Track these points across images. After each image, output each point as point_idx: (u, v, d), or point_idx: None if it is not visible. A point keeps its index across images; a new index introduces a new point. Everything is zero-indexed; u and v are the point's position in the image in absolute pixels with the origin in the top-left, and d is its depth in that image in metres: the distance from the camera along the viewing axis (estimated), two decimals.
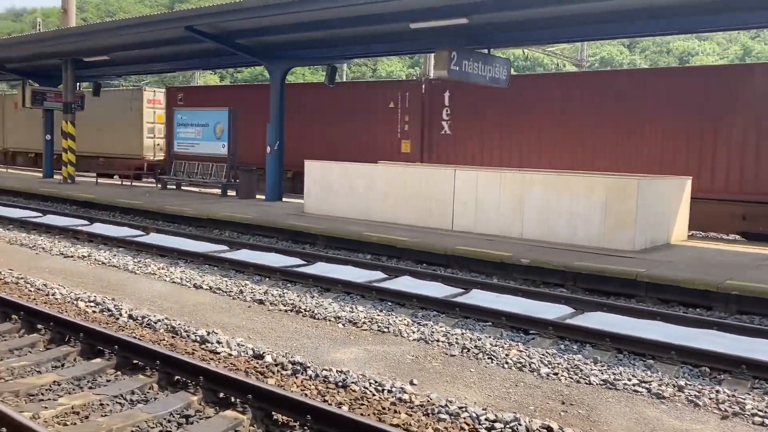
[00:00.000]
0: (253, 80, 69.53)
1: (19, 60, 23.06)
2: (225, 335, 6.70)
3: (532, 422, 4.76)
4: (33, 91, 22.60)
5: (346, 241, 12.23)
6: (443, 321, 7.59)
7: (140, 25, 16.51)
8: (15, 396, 5.01)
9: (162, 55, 20.20)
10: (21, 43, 21.27)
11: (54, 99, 22.72)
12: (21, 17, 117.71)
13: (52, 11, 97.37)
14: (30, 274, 9.21)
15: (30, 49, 20.97)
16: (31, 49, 20.90)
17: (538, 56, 53.66)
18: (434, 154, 18.24)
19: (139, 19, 17.03)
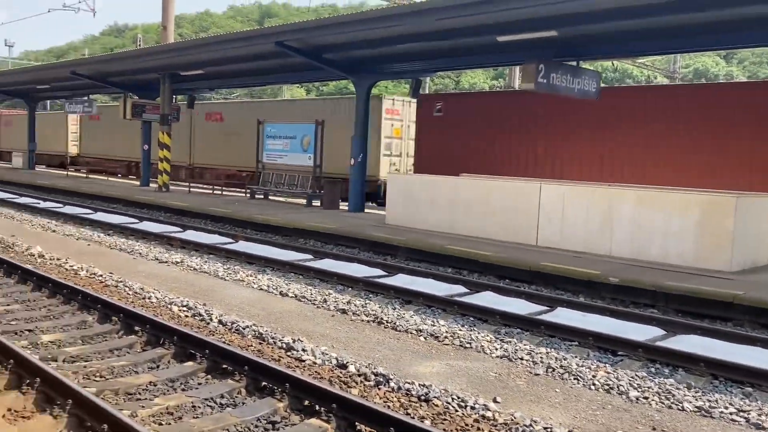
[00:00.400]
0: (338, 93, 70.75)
1: (121, 74, 24.41)
2: (310, 343, 6.83)
3: None
4: (133, 104, 23.82)
5: (428, 253, 12.24)
6: (527, 339, 7.46)
7: (234, 41, 17.17)
8: (114, 394, 5.28)
9: (252, 70, 20.89)
10: (123, 58, 22.56)
11: (152, 111, 23.87)
12: (123, 33, 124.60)
13: (151, 27, 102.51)
14: (128, 278, 9.70)
15: (131, 64, 22.18)
16: (132, 64, 22.11)
17: (628, 68, 52.15)
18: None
19: (233, 35, 17.73)
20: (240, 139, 25.72)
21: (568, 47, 13.68)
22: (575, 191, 12.19)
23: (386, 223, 15.24)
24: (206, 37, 20.69)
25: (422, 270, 11.06)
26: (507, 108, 17.98)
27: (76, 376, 5.58)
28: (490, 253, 11.54)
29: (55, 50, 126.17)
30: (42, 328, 7.03)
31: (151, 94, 25.25)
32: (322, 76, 21.43)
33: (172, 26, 24.94)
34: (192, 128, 28.76)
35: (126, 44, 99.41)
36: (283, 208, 18.74)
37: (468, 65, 19.06)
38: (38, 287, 8.80)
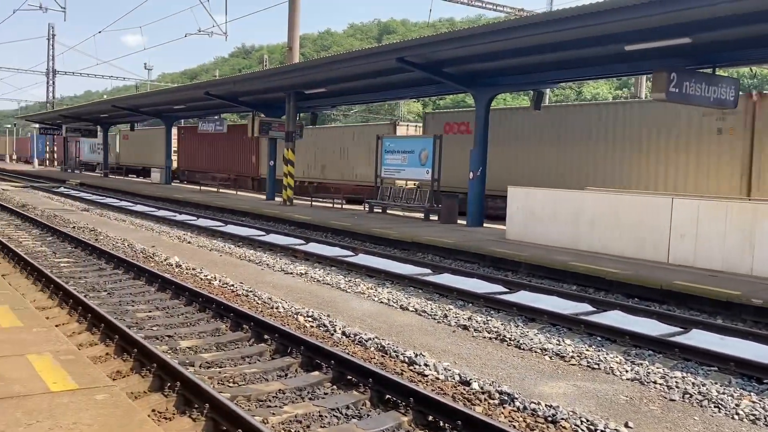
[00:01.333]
0: (455, 106, 70.81)
1: (250, 93, 25.68)
2: (432, 358, 6.82)
3: None
4: (261, 122, 24.98)
5: (550, 270, 11.91)
6: (660, 362, 7.07)
7: (355, 59, 17.61)
8: (247, 400, 5.51)
9: (372, 86, 21.33)
10: (252, 78, 23.71)
11: (277, 128, 24.92)
12: (250, 54, 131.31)
13: (276, 48, 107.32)
14: (257, 288, 10.13)
15: (259, 84, 23.28)
16: (261, 84, 23.20)
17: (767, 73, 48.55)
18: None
19: (356, 53, 18.19)
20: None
21: (703, 53, 12.94)
22: (711, 205, 11.47)
23: (506, 238, 15.01)
24: (330, 56, 21.35)
25: (545, 287, 10.78)
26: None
27: (212, 381, 5.89)
28: (617, 270, 11.07)
29: (189, 72, 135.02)
30: (180, 335, 7.49)
31: (276, 112, 26.40)
32: (441, 90, 21.51)
33: (297, 46, 25.94)
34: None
35: (252, 65, 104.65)
36: (400, 222, 18.94)
37: (591, 76, 18.46)
38: (176, 295, 9.38)
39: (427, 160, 19.95)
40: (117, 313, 8.25)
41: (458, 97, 65.66)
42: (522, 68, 16.23)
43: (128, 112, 37.19)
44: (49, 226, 16.43)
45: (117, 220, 19.94)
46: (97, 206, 24.46)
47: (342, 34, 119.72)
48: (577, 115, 19.75)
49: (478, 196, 17.91)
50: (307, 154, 30.37)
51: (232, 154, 36.73)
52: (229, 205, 23.54)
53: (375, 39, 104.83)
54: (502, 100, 63.31)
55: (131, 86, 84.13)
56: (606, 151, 18.52)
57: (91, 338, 7.19)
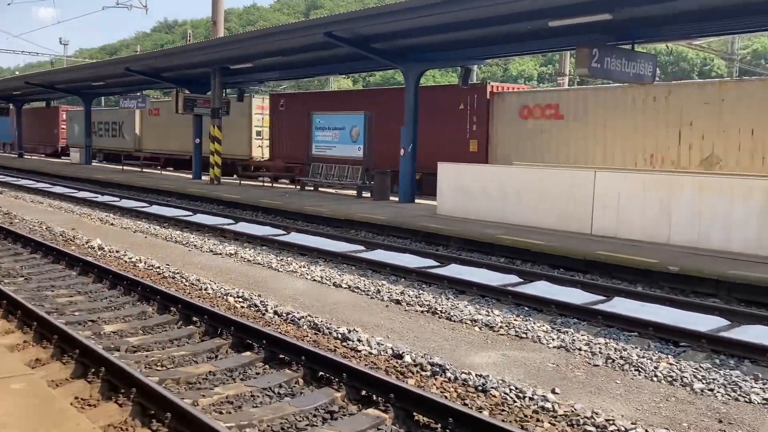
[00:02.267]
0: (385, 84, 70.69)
1: (173, 69, 24.86)
2: (365, 334, 6.84)
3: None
4: (185, 98, 24.25)
5: (480, 243, 12.13)
6: (584, 329, 7.32)
7: (283, 33, 17.29)
8: (176, 383, 5.39)
9: (301, 61, 20.99)
10: (175, 53, 22.98)
11: (203, 105, 24.27)
12: (173, 29, 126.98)
13: (201, 22, 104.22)
14: (184, 269, 9.89)
15: (183, 59, 22.57)
16: (184, 59, 22.49)
17: (683, 50, 50.63)
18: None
19: (282, 27, 17.85)
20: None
21: (623, 30, 13.32)
22: (631, 178, 11.89)
23: (437, 213, 15.17)
24: (255, 31, 20.92)
25: (475, 260, 10.96)
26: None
27: (139, 365, 5.72)
28: (543, 242, 11.37)
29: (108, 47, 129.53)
30: (104, 319, 7.24)
31: (201, 88, 25.67)
32: (371, 66, 21.41)
33: (221, 21, 25.26)
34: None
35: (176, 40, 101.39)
36: (333, 199, 18.85)
37: (518, 52, 18.76)
38: (99, 279, 9.06)
39: (359, 137, 19.86)
40: (35, 299, 7.89)
41: (388, 74, 65.58)
42: (450, 44, 16.31)
43: (43, 89, 35.38)
44: None
45: (34, 202, 19.05)
46: (12, 188, 23.30)
47: (268, 9, 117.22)
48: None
49: (410, 172, 17.98)
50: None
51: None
52: (154, 185, 22.84)
53: (302, 14, 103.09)
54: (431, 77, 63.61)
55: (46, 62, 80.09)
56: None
57: (6, 326, 6.85)
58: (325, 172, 21.27)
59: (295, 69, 22.49)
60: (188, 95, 24.66)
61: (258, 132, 28.88)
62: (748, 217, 10.27)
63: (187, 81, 26.10)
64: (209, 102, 23.88)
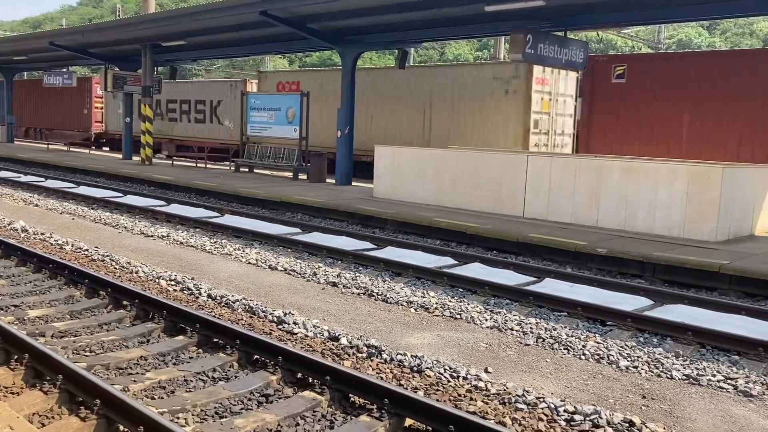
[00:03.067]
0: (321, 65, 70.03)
1: (102, 45, 23.91)
2: (301, 316, 6.82)
3: (613, 416, 4.65)
4: (114, 76, 23.41)
5: (416, 226, 12.23)
6: (516, 309, 7.50)
7: (216, 10, 16.83)
8: (106, 369, 5.24)
9: (235, 40, 20.53)
10: (103, 28, 22.10)
11: (133, 83, 23.49)
12: (101, 3, 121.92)
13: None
14: (114, 252, 9.60)
15: (112, 34, 21.71)
16: (113, 34, 21.64)
17: (612, 38, 52.02)
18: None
19: (215, 5, 17.35)
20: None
21: (556, 17, 13.58)
22: (561, 162, 12.20)
23: (374, 196, 15.19)
24: (187, 8, 20.27)
25: (411, 242, 11.05)
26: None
27: (66, 351, 5.53)
28: (478, 224, 11.56)
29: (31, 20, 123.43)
30: (28, 304, 6.96)
31: (133, 65, 24.80)
32: (308, 46, 21.10)
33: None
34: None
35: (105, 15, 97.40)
36: (269, 181, 18.61)
37: (454, 35, 18.88)
38: (23, 262, 8.69)
39: (294, 118, 19.64)
40: None
41: (325, 55, 64.97)
42: (387, 26, 16.26)
43: None
44: None
45: None
46: None
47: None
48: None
49: (347, 155, 17.93)
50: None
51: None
52: (81, 164, 22.01)
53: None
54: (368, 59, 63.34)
55: None
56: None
57: None
58: (260, 153, 20.97)
59: (230, 47, 21.99)
60: (118, 72, 23.83)
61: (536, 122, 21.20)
62: (672, 200, 10.71)
63: (117, 57, 25.19)
64: (140, 80, 23.11)
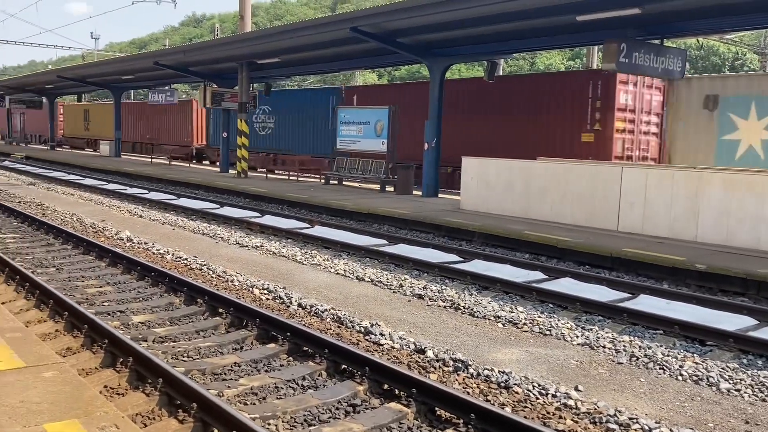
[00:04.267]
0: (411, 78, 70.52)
1: (201, 63, 25.08)
2: (387, 328, 6.88)
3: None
4: (212, 92, 24.47)
5: (504, 239, 12.09)
6: (609, 326, 7.27)
7: (309, 28, 17.35)
8: (202, 374, 5.48)
9: (327, 56, 21.07)
10: (203, 48, 23.16)
11: (230, 99, 24.47)
12: (201, 23, 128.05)
13: (228, 16, 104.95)
14: (211, 261, 10.02)
15: (211, 53, 22.75)
16: (212, 53, 22.67)
17: (714, 44, 49.70)
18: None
19: (308, 22, 17.92)
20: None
21: (652, 24, 13.14)
22: (658, 175, 11.75)
23: (461, 208, 15.14)
24: (283, 25, 20.96)
25: (499, 256, 10.94)
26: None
27: (166, 356, 5.82)
28: (569, 238, 11.30)
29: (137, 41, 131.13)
30: (132, 309, 7.37)
31: (229, 82, 25.87)
32: (396, 60, 21.41)
33: (249, 15, 25.41)
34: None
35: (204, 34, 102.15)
36: (356, 193, 18.91)
37: (545, 46, 18.58)
38: (128, 270, 9.22)
39: (383, 131, 19.88)
40: (66, 289, 8.06)
41: (413, 68, 65.46)
42: (476, 38, 16.23)
43: (75, 82, 35.95)
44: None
45: (65, 194, 19.40)
46: (44, 180, 23.74)
47: (295, 3, 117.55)
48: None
49: (433, 166, 17.97)
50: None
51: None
52: (182, 178, 23.10)
53: (329, 8, 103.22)
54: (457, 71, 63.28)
55: (77, 56, 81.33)
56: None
57: (39, 315, 7.02)
58: (349, 166, 21.35)
59: (322, 63, 22.55)
60: (216, 89, 24.89)
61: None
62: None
63: (214, 75, 26.33)
64: (236, 96, 24.06)
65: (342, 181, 21.94)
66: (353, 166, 21.21)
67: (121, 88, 36.70)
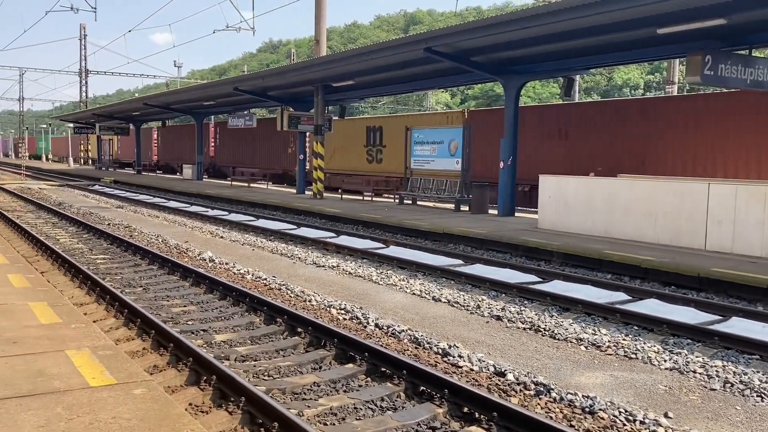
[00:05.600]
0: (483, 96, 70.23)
1: (279, 88, 25.79)
2: (466, 349, 6.79)
3: None
4: (289, 116, 25.07)
5: (584, 258, 11.76)
6: (699, 350, 6.93)
7: (383, 50, 17.55)
8: (282, 393, 5.54)
9: (401, 77, 21.24)
10: (281, 73, 23.78)
11: (306, 122, 24.99)
12: (277, 49, 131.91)
13: (303, 42, 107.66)
14: (290, 281, 10.19)
15: (289, 78, 23.34)
16: (290, 78, 23.25)
17: None
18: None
19: (383, 44, 18.13)
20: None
21: (738, 35, 12.60)
22: (749, 191, 11.19)
23: (538, 227, 14.86)
24: (357, 48, 21.29)
25: (579, 276, 10.65)
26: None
27: (247, 374, 5.93)
28: (653, 258, 10.89)
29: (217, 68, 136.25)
30: (215, 328, 7.55)
31: (303, 106, 26.46)
32: (470, 79, 21.34)
33: (324, 40, 25.97)
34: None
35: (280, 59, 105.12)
36: (431, 213, 18.87)
37: (624, 60, 18.07)
38: (210, 290, 9.48)
39: (457, 151, 19.82)
40: (153, 308, 8.36)
41: (486, 86, 65.20)
42: (552, 55, 16.01)
43: (159, 109, 37.66)
44: (85, 223, 16.72)
45: (151, 216, 20.23)
46: (131, 203, 24.83)
47: (368, 26, 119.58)
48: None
49: (509, 185, 17.75)
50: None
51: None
52: (260, 199, 23.70)
53: (402, 30, 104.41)
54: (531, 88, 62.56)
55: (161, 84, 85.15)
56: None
57: (128, 333, 7.30)
58: (423, 185, 21.37)
59: (395, 85, 22.75)
60: (293, 113, 25.47)
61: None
62: None
63: (291, 99, 26.99)
64: (312, 119, 24.55)
65: (416, 201, 21.96)
66: (427, 186, 21.21)
67: (203, 113, 38.13)
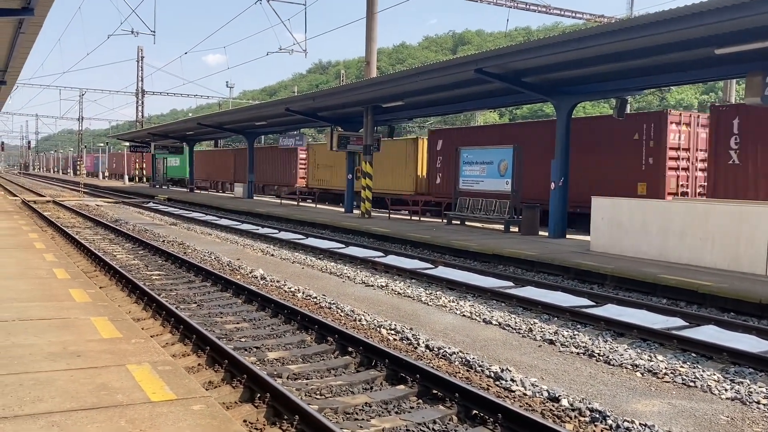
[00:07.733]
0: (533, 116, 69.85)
1: (328, 109, 26.13)
2: (518, 373, 6.70)
3: None
4: (339, 136, 25.37)
5: (639, 282, 11.51)
6: (762, 380, 6.69)
7: (433, 71, 17.64)
8: (335, 413, 5.56)
9: (450, 98, 21.29)
10: (332, 94, 24.13)
11: (355, 142, 25.24)
12: (326, 70, 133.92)
13: (352, 63, 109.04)
14: (339, 300, 10.25)
15: (339, 98, 23.65)
16: (340, 98, 23.57)
17: None
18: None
19: (433, 66, 18.22)
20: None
21: None
22: None
23: (591, 250, 14.62)
24: (408, 70, 21.45)
25: (633, 300, 10.42)
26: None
27: (300, 392, 5.98)
28: (711, 282, 10.59)
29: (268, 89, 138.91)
30: (267, 346, 7.64)
31: (353, 126, 26.74)
32: (520, 99, 21.26)
33: (374, 61, 26.27)
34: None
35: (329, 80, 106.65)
36: (480, 234, 18.76)
37: (678, 81, 17.73)
38: (262, 307, 9.61)
39: (507, 171, 19.71)
40: (207, 324, 8.51)
41: (535, 106, 64.78)
42: (604, 75, 15.84)
43: (212, 129, 38.53)
44: (141, 240, 17.17)
45: (203, 233, 20.64)
46: (184, 221, 25.40)
47: (417, 47, 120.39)
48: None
49: (560, 207, 17.54)
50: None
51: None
52: (309, 218, 23.96)
53: (450, 51, 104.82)
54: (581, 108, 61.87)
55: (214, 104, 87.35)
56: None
57: (183, 349, 7.45)
58: (471, 206, 21.28)
59: (444, 105, 22.81)
60: (342, 133, 25.76)
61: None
62: None
63: (340, 119, 27.31)
64: (361, 139, 24.78)
65: (464, 222, 21.87)
66: (476, 206, 21.12)
67: (255, 133, 38.87)
